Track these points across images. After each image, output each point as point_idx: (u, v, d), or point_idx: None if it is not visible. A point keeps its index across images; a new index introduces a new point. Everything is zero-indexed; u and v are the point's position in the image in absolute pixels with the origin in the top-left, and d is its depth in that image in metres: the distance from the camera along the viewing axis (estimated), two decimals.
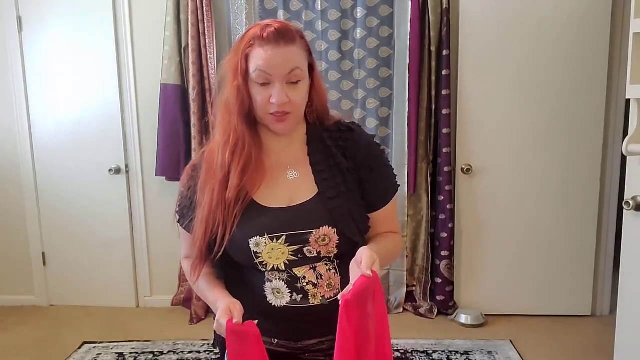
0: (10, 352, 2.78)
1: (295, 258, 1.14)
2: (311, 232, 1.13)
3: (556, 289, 3.03)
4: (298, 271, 1.15)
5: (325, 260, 1.16)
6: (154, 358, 2.66)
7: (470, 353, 2.65)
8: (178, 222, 1.25)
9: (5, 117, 3.20)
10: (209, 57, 2.96)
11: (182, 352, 2.71)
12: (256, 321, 1.05)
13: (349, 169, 1.18)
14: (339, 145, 1.19)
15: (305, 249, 1.14)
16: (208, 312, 3.14)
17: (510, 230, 3.01)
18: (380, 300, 1.03)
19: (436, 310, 3.11)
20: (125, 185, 3.23)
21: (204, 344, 2.78)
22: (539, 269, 3.02)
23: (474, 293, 3.09)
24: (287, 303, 1.15)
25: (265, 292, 1.17)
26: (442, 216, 3.04)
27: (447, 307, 3.10)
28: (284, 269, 1.15)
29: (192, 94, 2.95)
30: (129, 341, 2.84)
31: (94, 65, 3.10)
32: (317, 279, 1.15)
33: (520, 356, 2.62)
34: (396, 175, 1.27)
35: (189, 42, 2.92)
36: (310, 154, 1.20)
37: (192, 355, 2.67)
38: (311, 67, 1.15)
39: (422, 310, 3.11)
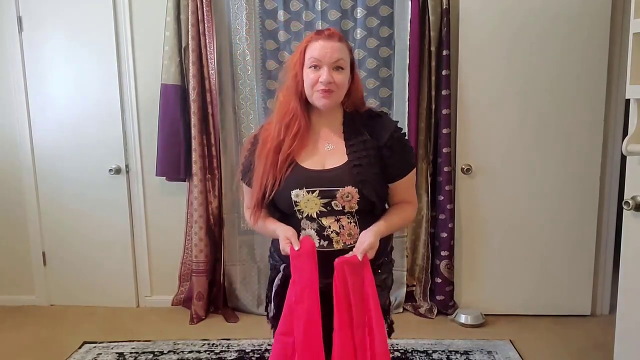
0: (10, 352, 2.78)
1: (324, 209, 1.47)
2: (338, 190, 1.45)
3: (556, 289, 3.03)
4: (325, 221, 1.47)
5: (348, 215, 1.48)
6: (154, 358, 2.66)
7: (470, 353, 2.65)
8: (242, 179, 1.61)
9: (5, 117, 3.21)
10: (209, 57, 2.97)
11: (182, 352, 2.71)
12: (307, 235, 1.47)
13: (373, 147, 1.49)
14: (368, 126, 1.52)
15: (333, 203, 1.46)
16: (208, 311, 3.15)
17: (510, 230, 3.01)
18: (368, 277, 1.40)
19: (436, 310, 3.12)
20: (126, 185, 3.23)
21: (204, 344, 2.79)
22: (538, 268, 3.02)
23: (473, 293, 3.10)
24: (317, 248, 1.45)
25: None
26: (442, 216, 3.04)
27: (447, 307, 3.11)
28: (315, 217, 1.47)
29: (192, 94, 2.96)
30: (129, 341, 2.84)
31: (94, 66, 3.11)
32: (340, 229, 1.47)
33: (520, 356, 2.62)
34: (415, 156, 1.46)
35: (189, 42, 2.92)
36: (345, 132, 1.53)
37: (192, 355, 2.67)
38: (352, 66, 1.51)
39: (422, 310, 3.12)
